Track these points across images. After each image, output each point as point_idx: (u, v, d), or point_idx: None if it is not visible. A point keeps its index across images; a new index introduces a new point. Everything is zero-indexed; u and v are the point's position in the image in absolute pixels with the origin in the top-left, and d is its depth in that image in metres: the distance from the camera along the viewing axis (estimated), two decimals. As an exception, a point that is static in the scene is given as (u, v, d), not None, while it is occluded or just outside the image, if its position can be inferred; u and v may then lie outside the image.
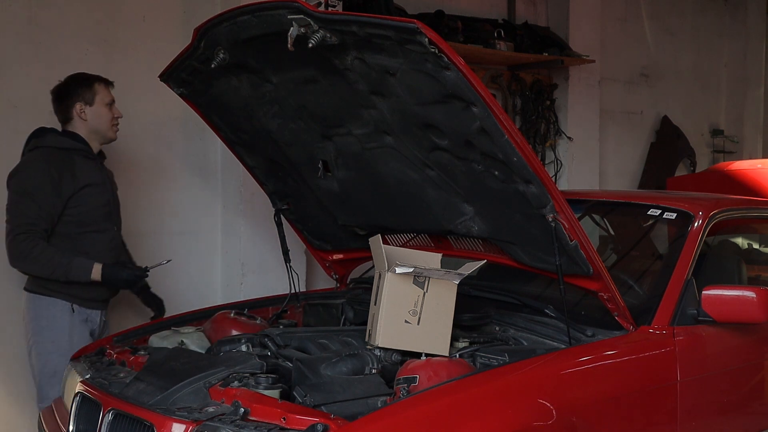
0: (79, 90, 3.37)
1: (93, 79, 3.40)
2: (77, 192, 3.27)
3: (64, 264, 3.20)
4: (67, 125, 3.41)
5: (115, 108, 3.44)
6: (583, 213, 3.50)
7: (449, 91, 2.38)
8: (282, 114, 3.07)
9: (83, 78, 3.40)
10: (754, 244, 4.26)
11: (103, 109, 3.39)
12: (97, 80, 3.40)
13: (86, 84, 3.38)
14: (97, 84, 3.39)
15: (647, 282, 3.11)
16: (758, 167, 5.22)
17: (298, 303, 3.63)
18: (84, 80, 3.39)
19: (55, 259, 3.19)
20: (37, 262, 3.19)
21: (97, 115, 3.38)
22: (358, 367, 2.55)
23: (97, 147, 3.45)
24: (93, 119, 3.38)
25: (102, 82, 3.41)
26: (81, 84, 3.38)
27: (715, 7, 7.75)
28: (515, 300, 3.00)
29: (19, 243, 3.17)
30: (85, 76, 3.40)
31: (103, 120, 3.40)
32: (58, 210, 3.23)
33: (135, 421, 2.30)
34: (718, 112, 7.81)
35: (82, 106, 3.36)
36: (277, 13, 2.53)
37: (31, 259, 3.18)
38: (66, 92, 3.38)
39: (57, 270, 3.20)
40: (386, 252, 2.79)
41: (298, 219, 3.67)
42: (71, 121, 3.39)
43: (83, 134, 3.39)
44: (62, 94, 3.39)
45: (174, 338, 3.01)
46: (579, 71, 6.10)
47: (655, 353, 2.68)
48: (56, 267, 3.19)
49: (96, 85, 3.39)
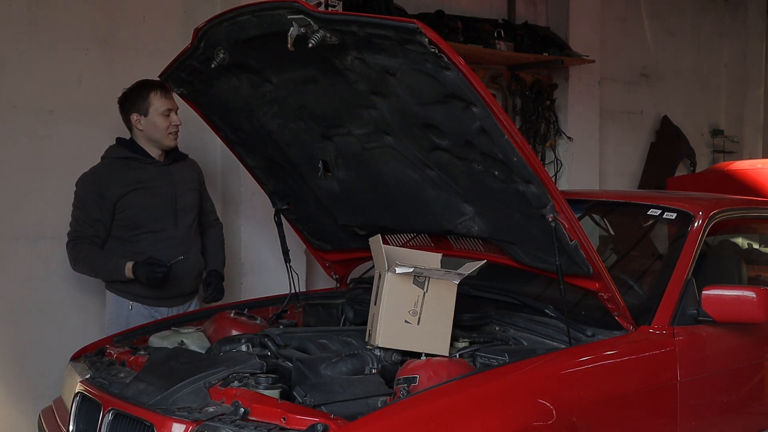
0: (134, 101, 3.43)
1: (149, 88, 3.41)
2: (124, 196, 3.39)
3: (103, 265, 3.40)
4: (131, 133, 3.50)
5: (174, 116, 3.46)
6: (583, 213, 3.50)
7: (449, 91, 2.38)
8: (282, 114, 3.07)
9: (140, 87, 3.44)
10: (754, 244, 4.26)
11: (158, 118, 3.43)
12: (153, 89, 3.41)
13: (142, 94, 3.41)
14: (153, 93, 3.41)
15: (647, 282, 3.11)
16: (758, 167, 5.22)
17: (298, 303, 3.63)
18: (140, 90, 3.43)
19: (96, 262, 3.40)
20: (84, 265, 3.43)
21: (152, 125, 3.43)
22: (358, 367, 2.55)
23: (157, 153, 3.50)
24: (148, 129, 3.44)
25: (158, 91, 3.42)
26: (137, 94, 3.43)
27: (715, 7, 7.75)
28: (515, 300, 3.00)
29: (71, 249, 3.42)
30: (142, 85, 3.44)
31: (158, 129, 3.44)
32: (106, 216, 3.39)
33: (135, 421, 2.30)
34: (718, 112, 7.81)
35: (138, 117, 3.42)
36: (277, 13, 2.52)
37: (79, 262, 3.43)
38: (124, 103, 3.46)
39: (100, 272, 3.44)
40: (386, 252, 2.79)
41: (298, 219, 3.67)
42: (132, 130, 3.48)
43: (142, 142, 3.47)
44: (122, 105, 3.47)
45: (174, 338, 3.01)
46: (579, 71, 6.10)
47: (655, 353, 2.68)
48: (99, 269, 3.42)
49: (151, 95, 3.41)
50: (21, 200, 3.76)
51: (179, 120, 3.49)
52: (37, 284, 3.81)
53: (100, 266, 3.40)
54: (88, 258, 3.40)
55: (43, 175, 3.80)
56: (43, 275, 3.83)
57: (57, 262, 3.86)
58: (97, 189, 3.38)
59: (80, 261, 3.41)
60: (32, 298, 3.80)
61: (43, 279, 3.82)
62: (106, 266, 3.39)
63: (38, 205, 3.80)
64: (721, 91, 7.83)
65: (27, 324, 3.78)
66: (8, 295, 3.73)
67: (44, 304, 3.83)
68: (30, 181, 3.77)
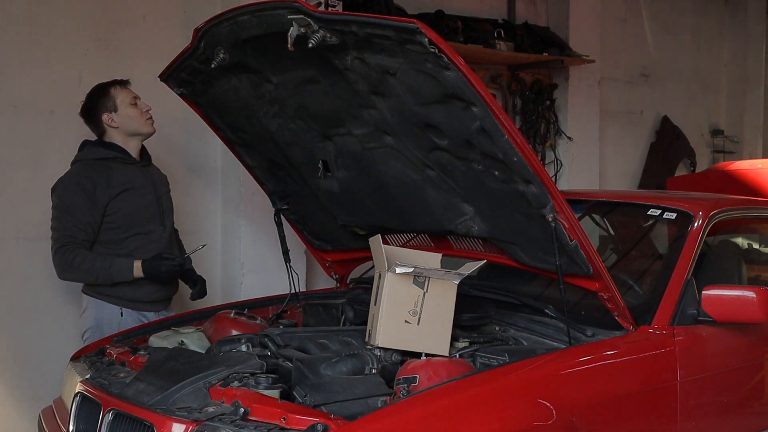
0: (98, 102, 3.39)
1: (108, 86, 3.41)
2: (114, 198, 3.33)
3: (106, 267, 3.29)
4: (104, 137, 3.44)
5: (141, 103, 3.44)
6: (583, 213, 3.50)
7: (449, 91, 2.38)
8: (282, 114, 3.07)
9: (98, 89, 3.41)
10: (754, 244, 4.26)
11: (129, 109, 3.41)
12: (111, 85, 3.41)
13: (103, 93, 3.39)
14: (113, 89, 3.40)
15: (647, 282, 3.11)
16: (758, 167, 5.21)
17: (298, 303, 3.62)
18: (99, 91, 3.40)
19: (96, 265, 3.28)
20: (81, 271, 3.29)
21: (125, 117, 3.40)
22: (358, 367, 2.54)
23: (138, 147, 3.47)
24: (123, 123, 3.40)
25: (117, 85, 3.41)
26: (98, 96, 3.40)
27: (715, 7, 7.75)
28: (515, 300, 3.00)
29: (62, 255, 3.27)
30: (100, 86, 3.42)
31: (133, 119, 3.41)
32: (96, 219, 3.30)
33: (135, 421, 2.30)
34: (718, 112, 7.81)
35: (109, 115, 3.39)
36: (277, 13, 2.52)
37: (74, 268, 3.28)
38: (89, 109, 3.41)
39: (101, 274, 3.30)
40: (386, 252, 2.79)
41: (298, 219, 3.67)
42: (106, 133, 3.43)
43: (119, 141, 3.42)
44: (88, 113, 3.42)
45: (174, 338, 3.01)
46: (579, 71, 6.10)
47: (655, 353, 2.68)
48: (99, 272, 3.29)
49: (112, 91, 3.40)
50: (21, 200, 3.76)
51: (147, 105, 3.45)
52: (37, 284, 3.81)
53: (102, 269, 3.28)
54: (85, 263, 3.26)
55: (43, 175, 3.80)
56: (43, 275, 3.82)
57: (57, 262, 3.86)
58: (85, 191, 3.27)
59: (74, 267, 3.27)
60: (32, 298, 3.80)
61: (43, 279, 3.82)
62: (110, 269, 3.28)
63: (38, 205, 3.79)
64: (721, 91, 7.83)
65: (27, 324, 3.78)
66: (8, 295, 3.73)
67: (44, 304, 3.83)
68: (30, 181, 3.78)
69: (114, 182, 3.34)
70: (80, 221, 3.27)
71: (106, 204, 3.31)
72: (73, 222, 3.26)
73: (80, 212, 3.27)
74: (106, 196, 3.31)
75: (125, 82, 3.45)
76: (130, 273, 3.31)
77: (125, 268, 3.30)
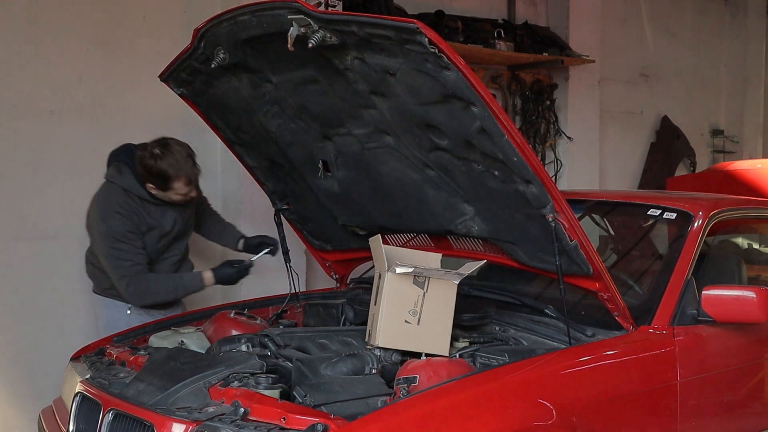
0: (156, 180, 3.33)
1: (174, 179, 3.31)
2: (144, 234, 3.38)
3: (180, 285, 3.42)
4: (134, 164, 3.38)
5: (192, 190, 3.40)
6: (583, 213, 3.49)
7: (449, 91, 2.37)
8: (282, 114, 3.07)
9: (163, 176, 3.29)
10: (754, 244, 4.26)
11: (175, 195, 3.40)
12: (177, 179, 3.31)
13: (164, 179, 3.31)
14: (177, 182, 3.33)
15: (647, 282, 3.11)
16: (758, 167, 5.21)
17: (298, 303, 3.63)
18: (162, 175, 3.29)
19: (170, 284, 3.40)
20: (158, 294, 3.38)
21: (166, 197, 3.40)
22: (358, 367, 2.55)
23: None
24: (160, 196, 3.39)
25: (183, 180, 3.32)
26: (158, 176, 3.30)
27: (715, 8, 7.75)
28: (515, 300, 3.00)
29: (135, 287, 3.32)
30: (167, 177, 3.29)
31: (170, 199, 3.41)
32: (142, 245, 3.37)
33: (135, 421, 2.30)
34: (718, 112, 7.82)
35: (155, 189, 3.36)
36: (277, 13, 2.52)
37: (151, 294, 3.36)
38: (141, 171, 3.32)
39: (177, 292, 3.43)
40: (386, 252, 2.79)
41: (298, 219, 3.67)
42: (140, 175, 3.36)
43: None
44: (139, 169, 3.32)
45: (174, 338, 3.01)
46: (579, 71, 6.10)
47: (655, 353, 2.68)
48: (175, 290, 3.42)
49: (175, 184, 3.33)
50: (21, 200, 3.76)
51: (195, 192, 3.43)
52: (37, 284, 3.81)
53: (177, 288, 3.40)
54: (159, 286, 3.36)
55: (43, 175, 3.81)
56: (43, 275, 3.83)
57: (57, 262, 3.87)
58: (131, 220, 3.31)
59: (151, 294, 3.34)
60: (32, 298, 3.80)
61: (43, 279, 3.83)
62: (184, 284, 3.41)
63: (38, 205, 3.80)
64: (721, 91, 7.84)
65: (27, 324, 3.79)
66: (8, 295, 3.74)
67: (44, 304, 3.84)
68: (30, 181, 3.78)
69: (145, 220, 3.38)
70: (137, 247, 3.32)
71: (142, 236, 3.37)
72: (131, 250, 3.31)
73: (133, 239, 3.31)
74: (141, 230, 3.37)
75: (193, 181, 3.39)
76: (202, 284, 3.45)
77: (196, 281, 3.44)
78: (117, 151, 3.50)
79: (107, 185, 3.41)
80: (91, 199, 3.45)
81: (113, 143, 3.66)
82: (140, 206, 3.37)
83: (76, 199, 3.89)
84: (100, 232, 3.32)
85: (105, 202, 3.36)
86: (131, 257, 3.30)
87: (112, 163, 3.47)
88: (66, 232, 3.88)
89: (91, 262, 3.55)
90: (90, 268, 3.57)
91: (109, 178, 3.42)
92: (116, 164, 3.44)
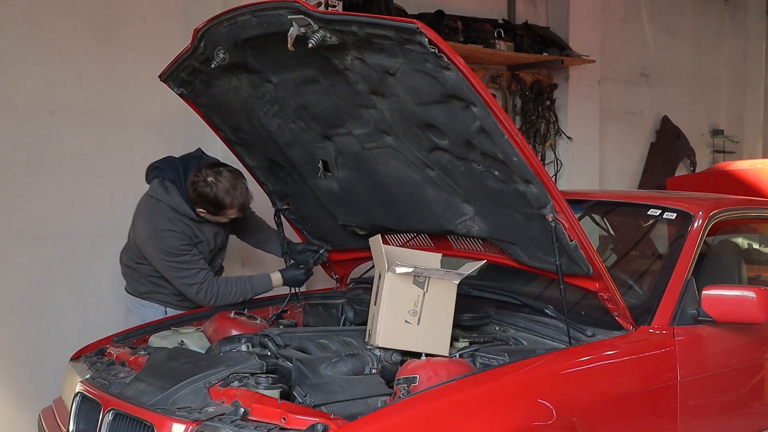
0: (207, 207, 3.34)
1: (228, 207, 3.35)
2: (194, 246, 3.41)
3: (249, 288, 3.46)
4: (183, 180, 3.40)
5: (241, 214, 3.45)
6: (583, 213, 3.49)
7: (449, 91, 2.37)
8: (282, 114, 3.07)
9: (219, 204, 3.32)
10: (754, 244, 4.26)
11: (224, 219, 3.44)
12: (231, 207, 3.35)
13: (219, 207, 3.34)
14: (231, 210, 3.37)
15: (647, 282, 3.11)
16: (758, 167, 5.21)
17: (298, 303, 3.63)
18: (218, 205, 3.33)
19: (240, 286, 3.45)
20: (228, 297, 3.42)
21: (214, 219, 3.42)
22: (358, 367, 2.55)
23: None
24: (209, 218, 3.41)
25: (236, 207, 3.37)
26: (213, 206, 3.33)
27: (715, 7, 7.75)
28: (515, 300, 3.00)
29: (205, 293, 3.37)
30: (222, 205, 3.32)
31: (217, 220, 3.44)
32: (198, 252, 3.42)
33: (135, 421, 2.30)
34: (718, 112, 7.82)
35: (205, 213, 3.38)
36: (277, 13, 2.52)
37: (223, 297, 3.41)
38: (194, 197, 3.33)
39: (246, 293, 3.46)
40: (386, 252, 2.79)
41: (298, 219, 3.67)
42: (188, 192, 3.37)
43: None
44: (191, 194, 3.33)
45: (174, 338, 3.01)
46: (579, 71, 6.10)
47: (655, 353, 2.68)
48: (245, 291, 3.46)
49: (229, 210, 3.37)
50: (21, 200, 3.76)
51: (241, 214, 3.47)
52: (37, 284, 3.81)
53: (248, 288, 3.44)
54: (233, 286, 3.41)
55: (43, 175, 3.81)
56: (43, 275, 3.83)
57: (57, 262, 3.87)
58: (184, 234, 3.35)
59: (222, 297, 3.39)
60: (32, 298, 3.80)
61: (43, 279, 3.83)
62: (253, 286, 3.46)
63: (38, 205, 3.80)
64: (721, 91, 7.83)
65: (27, 324, 3.79)
66: (8, 295, 3.73)
67: (44, 304, 3.84)
68: (30, 181, 3.78)
69: (195, 235, 3.40)
70: (195, 255, 3.38)
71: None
72: (192, 259, 3.35)
73: (190, 249, 3.36)
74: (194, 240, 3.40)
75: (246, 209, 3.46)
76: (270, 285, 3.52)
77: (265, 282, 3.50)
78: (158, 165, 3.50)
79: (154, 203, 3.40)
80: (138, 213, 3.46)
81: (113, 143, 3.67)
82: (188, 223, 3.39)
83: (76, 199, 3.90)
84: (158, 250, 3.34)
85: (155, 222, 3.36)
86: (194, 265, 3.35)
87: (155, 178, 3.47)
88: (66, 232, 3.88)
89: (126, 265, 3.58)
90: (126, 270, 3.60)
91: (155, 196, 3.41)
92: (161, 181, 3.44)
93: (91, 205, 3.96)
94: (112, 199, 4.00)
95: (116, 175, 4.00)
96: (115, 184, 4.01)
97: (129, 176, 4.00)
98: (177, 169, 3.43)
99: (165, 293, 3.51)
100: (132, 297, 3.59)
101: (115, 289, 3.90)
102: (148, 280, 3.50)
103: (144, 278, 3.51)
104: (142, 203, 3.48)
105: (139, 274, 3.52)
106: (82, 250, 3.94)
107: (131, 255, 3.53)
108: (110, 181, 4.00)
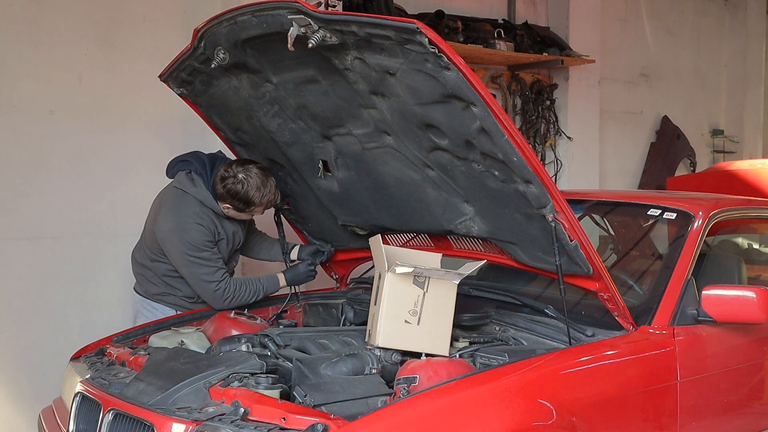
0: (235, 203, 3.33)
1: (257, 205, 3.33)
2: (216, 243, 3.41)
3: (260, 289, 3.47)
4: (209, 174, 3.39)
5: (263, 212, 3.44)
6: (583, 213, 3.50)
7: (449, 91, 2.38)
8: (282, 114, 3.07)
9: (248, 201, 3.30)
10: (754, 244, 4.26)
11: (247, 216, 3.44)
12: (260, 205, 3.34)
13: (247, 204, 3.32)
14: (258, 207, 3.36)
15: (647, 282, 3.11)
16: (758, 167, 5.21)
17: (298, 303, 3.63)
18: (246, 202, 3.31)
19: (251, 287, 3.44)
20: (242, 297, 3.41)
21: (237, 215, 3.41)
22: (358, 367, 2.55)
23: None
24: (232, 214, 3.40)
25: (264, 205, 3.36)
26: (242, 202, 3.31)
27: (715, 8, 7.75)
28: (515, 300, 3.00)
29: (221, 294, 3.36)
30: (251, 202, 3.31)
31: (240, 217, 3.43)
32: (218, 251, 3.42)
33: (135, 421, 2.30)
34: (718, 112, 7.82)
35: (230, 209, 3.37)
36: (277, 13, 2.53)
37: (237, 297, 3.40)
38: (222, 192, 3.30)
39: (258, 293, 3.46)
40: (386, 252, 2.79)
41: (298, 219, 3.68)
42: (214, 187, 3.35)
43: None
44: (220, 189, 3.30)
45: (174, 338, 3.01)
46: (579, 71, 6.10)
47: (655, 353, 2.68)
48: (256, 292, 3.46)
49: (256, 208, 3.36)
50: (21, 200, 3.76)
51: (262, 213, 3.46)
52: (37, 284, 3.81)
53: (259, 289, 3.45)
54: (245, 287, 3.41)
55: (43, 175, 3.81)
56: (43, 275, 3.83)
57: (57, 262, 3.87)
58: (209, 230, 3.34)
59: (236, 299, 3.38)
60: (32, 298, 3.80)
61: (43, 279, 3.83)
62: (264, 287, 3.47)
63: (38, 205, 3.80)
64: (721, 91, 7.84)
65: (27, 324, 3.79)
66: (8, 295, 3.73)
67: (44, 304, 3.84)
68: (30, 181, 3.78)
69: (219, 231, 3.39)
70: (215, 253, 3.36)
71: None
72: (212, 257, 3.34)
73: (212, 247, 3.35)
74: (217, 237, 3.40)
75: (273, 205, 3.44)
76: (278, 285, 3.53)
77: (273, 283, 3.51)
78: (186, 158, 3.46)
79: (180, 194, 3.36)
80: (161, 205, 3.40)
81: (113, 143, 3.67)
82: (213, 218, 3.38)
83: (76, 199, 3.90)
84: (181, 242, 3.29)
85: (181, 213, 3.32)
86: (214, 263, 3.33)
87: (181, 170, 3.43)
88: (66, 232, 3.88)
89: (140, 263, 3.53)
90: (139, 269, 3.55)
91: (181, 187, 3.37)
92: (188, 173, 3.40)
93: (91, 205, 3.95)
94: (112, 199, 4.00)
95: (116, 175, 4.00)
96: (116, 184, 4.01)
97: (129, 176, 4.00)
98: (204, 164, 3.41)
99: (178, 295, 3.48)
100: (142, 298, 3.55)
101: (115, 289, 3.90)
102: (162, 280, 3.47)
103: (158, 278, 3.47)
104: (167, 194, 3.42)
105: (153, 274, 3.48)
106: (82, 250, 3.94)
107: (146, 251, 3.48)
108: (110, 181, 4.00)
